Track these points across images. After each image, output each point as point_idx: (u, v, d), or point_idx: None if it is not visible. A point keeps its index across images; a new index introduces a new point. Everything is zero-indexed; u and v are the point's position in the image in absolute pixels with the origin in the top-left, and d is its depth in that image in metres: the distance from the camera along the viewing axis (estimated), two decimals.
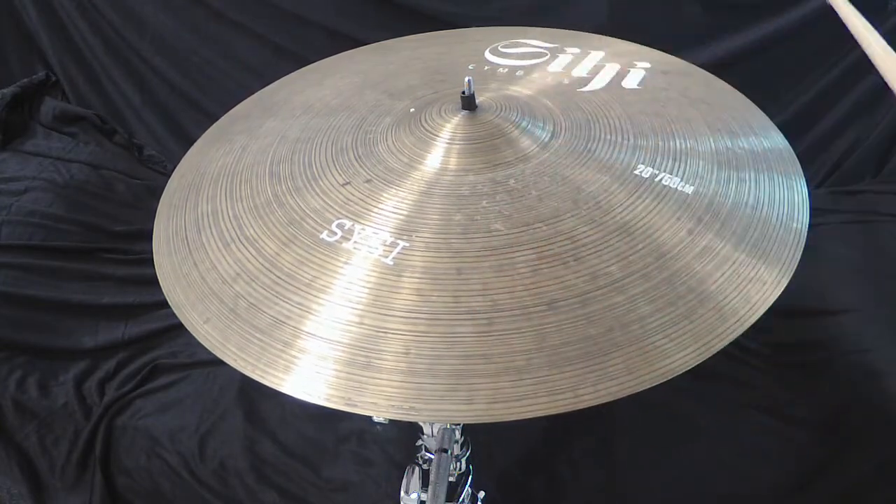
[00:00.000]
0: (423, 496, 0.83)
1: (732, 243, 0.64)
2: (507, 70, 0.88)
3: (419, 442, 0.89)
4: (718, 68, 0.90)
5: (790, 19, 1.47)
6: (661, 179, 0.68)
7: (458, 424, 0.85)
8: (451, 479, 0.85)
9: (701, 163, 0.71)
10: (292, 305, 0.61)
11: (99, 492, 1.15)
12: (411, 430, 0.96)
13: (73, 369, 1.26)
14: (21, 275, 1.33)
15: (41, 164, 1.57)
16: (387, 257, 0.62)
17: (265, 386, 0.57)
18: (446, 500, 0.79)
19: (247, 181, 0.74)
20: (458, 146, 0.71)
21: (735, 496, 1.07)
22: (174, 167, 0.84)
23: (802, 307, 1.24)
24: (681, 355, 0.56)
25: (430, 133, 0.72)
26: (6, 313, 1.28)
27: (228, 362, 0.59)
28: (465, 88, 0.73)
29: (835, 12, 1.50)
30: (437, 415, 0.55)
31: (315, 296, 0.61)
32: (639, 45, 0.94)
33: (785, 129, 0.80)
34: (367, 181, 0.69)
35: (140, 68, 1.73)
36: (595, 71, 0.86)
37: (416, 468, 0.85)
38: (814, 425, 1.11)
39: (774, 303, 0.60)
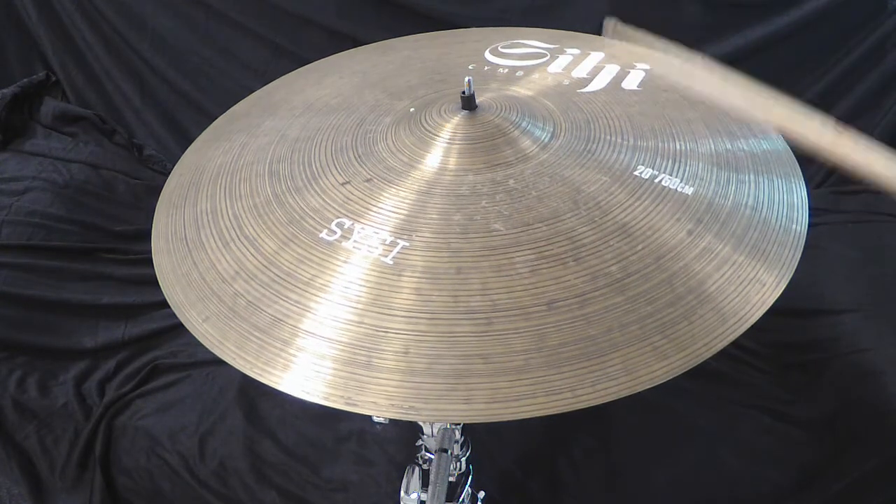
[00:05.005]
0: (423, 496, 0.83)
1: (732, 244, 0.64)
2: (507, 70, 0.88)
3: (419, 442, 0.89)
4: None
5: (790, 19, 1.47)
6: (660, 180, 0.68)
7: (458, 424, 0.85)
8: (451, 479, 0.85)
9: (700, 164, 0.71)
10: (291, 304, 0.61)
11: (99, 492, 1.14)
12: (411, 430, 0.96)
13: (73, 369, 1.26)
14: (21, 275, 1.33)
15: (41, 164, 1.57)
16: (386, 257, 0.62)
17: (265, 386, 0.57)
18: (446, 500, 0.79)
19: (246, 180, 0.74)
20: (457, 146, 0.71)
21: (735, 496, 1.07)
22: (174, 167, 0.84)
23: (802, 307, 1.24)
24: (680, 356, 0.56)
25: (430, 133, 0.72)
26: (6, 313, 1.28)
27: (227, 360, 0.59)
28: (465, 88, 0.73)
29: (835, 12, 1.50)
30: (437, 414, 0.55)
31: (314, 295, 0.61)
32: (639, 46, 0.94)
33: None
34: (367, 180, 0.69)
35: (140, 68, 1.73)
36: (595, 72, 0.86)
37: (416, 468, 0.85)
38: (814, 425, 1.11)
39: (774, 303, 0.60)
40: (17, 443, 1.19)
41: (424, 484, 0.84)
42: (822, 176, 1.54)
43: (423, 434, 0.87)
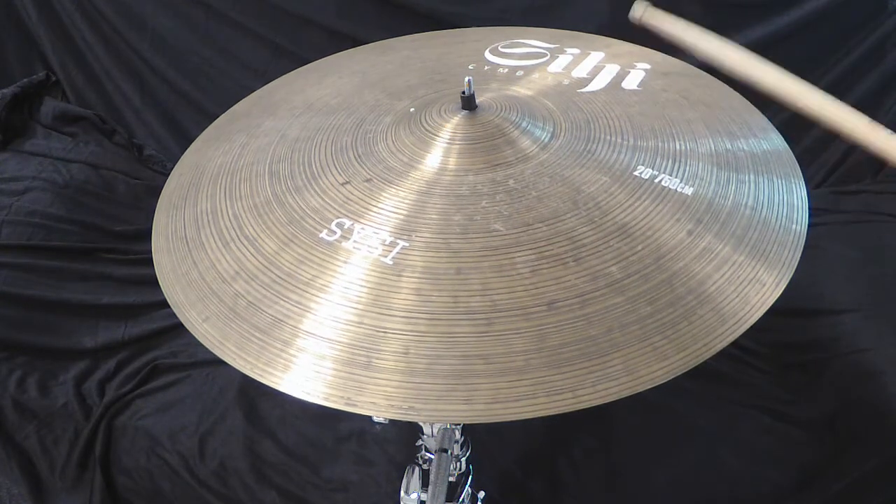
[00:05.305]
0: (423, 496, 0.83)
1: (732, 245, 0.64)
2: (507, 70, 0.88)
3: (419, 442, 0.89)
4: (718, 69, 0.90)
5: (790, 19, 1.47)
6: (660, 180, 0.68)
7: (458, 424, 0.85)
8: (451, 479, 0.85)
9: (700, 164, 0.71)
10: (291, 304, 0.61)
11: (99, 492, 1.14)
12: (411, 430, 0.96)
13: (73, 369, 1.26)
14: (21, 275, 1.33)
15: (41, 164, 1.57)
16: (386, 257, 0.62)
17: (265, 386, 0.57)
18: (446, 500, 0.79)
19: (246, 180, 0.74)
20: (457, 146, 0.71)
21: (735, 496, 1.07)
22: (174, 167, 0.84)
23: (802, 307, 1.24)
24: (680, 356, 0.56)
25: (430, 133, 0.72)
26: (6, 313, 1.28)
27: (227, 361, 0.59)
28: (465, 88, 0.73)
29: (835, 12, 1.50)
30: (437, 415, 0.55)
31: (314, 295, 0.61)
32: (639, 46, 0.94)
33: (785, 129, 0.80)
34: (367, 180, 0.69)
35: (140, 68, 1.73)
36: (595, 72, 0.86)
37: (416, 468, 0.85)
38: (814, 425, 1.11)
39: (774, 303, 0.60)
40: (17, 443, 1.19)
41: (424, 484, 0.84)
42: (822, 176, 1.54)
43: (423, 434, 0.87)
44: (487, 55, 0.91)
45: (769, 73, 0.73)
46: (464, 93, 0.73)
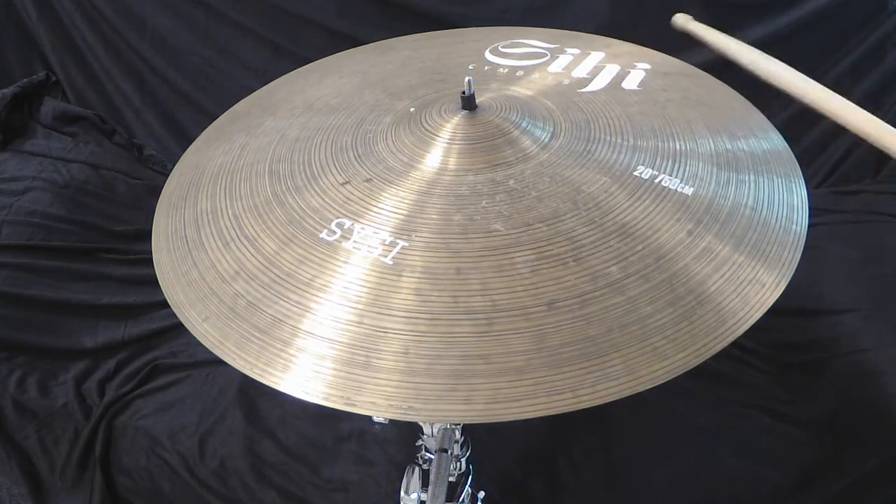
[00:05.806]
0: (423, 496, 0.83)
1: (732, 245, 0.64)
2: (507, 70, 0.88)
3: (419, 442, 0.89)
4: (718, 69, 0.90)
5: (790, 19, 1.47)
6: (660, 181, 0.68)
7: (458, 424, 0.85)
8: (451, 479, 0.85)
9: (700, 164, 0.71)
10: (291, 304, 0.61)
11: (99, 492, 1.15)
12: (411, 430, 0.96)
13: (73, 369, 1.26)
14: (21, 275, 1.34)
15: (41, 164, 1.57)
16: (386, 257, 0.62)
17: (265, 386, 0.57)
18: (446, 500, 0.79)
19: (246, 180, 0.74)
20: (457, 146, 0.71)
21: (735, 496, 1.08)
22: (174, 167, 0.84)
23: (802, 307, 1.24)
24: (680, 356, 0.56)
25: (430, 133, 0.72)
26: (6, 313, 1.28)
27: (227, 361, 0.59)
28: (465, 88, 0.73)
29: (835, 12, 1.51)
30: (436, 415, 0.55)
31: (314, 295, 0.61)
32: (639, 46, 0.94)
33: (785, 129, 0.80)
34: (367, 180, 0.69)
35: (140, 68, 1.73)
36: (595, 72, 0.86)
37: (416, 468, 0.85)
38: (814, 425, 1.11)
39: (774, 303, 0.60)
40: (17, 443, 1.19)
41: (424, 484, 0.84)
42: (822, 176, 1.54)
43: (423, 434, 0.87)
44: (487, 55, 0.91)
45: (808, 84, 0.74)
46: (464, 93, 0.73)
